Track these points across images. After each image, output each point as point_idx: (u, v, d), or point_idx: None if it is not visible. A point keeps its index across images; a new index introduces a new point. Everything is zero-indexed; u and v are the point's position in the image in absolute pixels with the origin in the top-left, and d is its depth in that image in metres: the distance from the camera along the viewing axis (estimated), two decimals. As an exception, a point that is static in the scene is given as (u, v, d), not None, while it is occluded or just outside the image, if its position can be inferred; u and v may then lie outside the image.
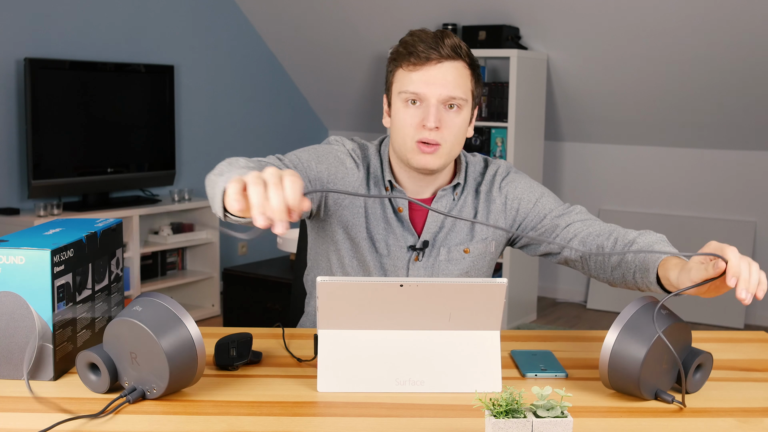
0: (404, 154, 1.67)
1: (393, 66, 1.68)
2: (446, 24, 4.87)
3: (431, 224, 1.74)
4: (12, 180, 4.31)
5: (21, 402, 1.32)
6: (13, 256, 1.36)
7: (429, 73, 1.62)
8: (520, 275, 4.92)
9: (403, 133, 1.65)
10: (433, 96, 1.62)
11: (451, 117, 1.64)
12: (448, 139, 1.64)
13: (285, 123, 5.87)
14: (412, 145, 1.64)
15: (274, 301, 4.04)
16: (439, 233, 1.74)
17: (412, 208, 1.74)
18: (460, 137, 1.67)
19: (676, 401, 1.34)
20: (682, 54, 4.49)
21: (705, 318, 4.98)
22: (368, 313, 1.37)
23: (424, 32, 1.66)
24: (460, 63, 1.65)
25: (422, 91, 1.62)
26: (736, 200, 4.99)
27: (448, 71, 1.63)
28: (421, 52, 1.62)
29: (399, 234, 1.73)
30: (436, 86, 1.62)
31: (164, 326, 1.29)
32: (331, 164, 1.71)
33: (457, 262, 1.74)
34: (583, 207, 1.76)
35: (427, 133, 1.62)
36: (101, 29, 4.64)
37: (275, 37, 5.59)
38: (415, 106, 1.64)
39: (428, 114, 1.62)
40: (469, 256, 1.75)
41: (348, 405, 1.33)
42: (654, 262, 1.51)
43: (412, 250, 1.73)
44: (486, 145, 4.86)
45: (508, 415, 1.14)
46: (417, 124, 1.63)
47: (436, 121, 1.61)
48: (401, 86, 1.65)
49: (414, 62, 1.63)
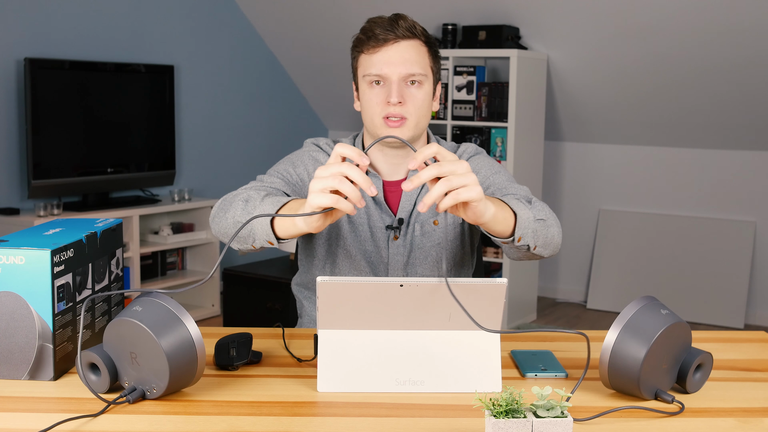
0: (374, 131, 1.76)
1: (356, 53, 1.79)
2: (446, 24, 4.87)
3: (405, 203, 1.81)
4: (12, 180, 4.31)
5: (21, 402, 1.32)
6: (13, 256, 1.36)
7: (388, 53, 1.72)
8: (520, 275, 4.92)
9: (371, 112, 1.74)
10: (394, 74, 1.71)
11: (412, 92, 1.73)
12: (412, 112, 1.73)
13: (285, 123, 5.87)
14: (380, 121, 1.73)
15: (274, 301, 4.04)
16: (413, 210, 1.81)
17: (386, 190, 1.81)
18: (425, 110, 1.75)
19: (676, 401, 1.34)
20: (682, 54, 4.49)
21: (705, 318, 4.98)
22: (368, 313, 1.37)
23: (380, 18, 1.77)
24: (416, 41, 1.75)
25: (384, 71, 1.72)
26: (736, 200, 4.99)
27: (406, 50, 1.73)
28: (379, 35, 1.73)
29: (377, 216, 1.80)
30: (396, 65, 1.72)
31: (164, 326, 1.29)
32: (308, 164, 1.83)
33: (430, 235, 1.80)
34: (527, 188, 1.78)
35: (392, 108, 1.71)
36: (101, 29, 4.64)
37: (275, 37, 5.59)
38: (379, 86, 1.73)
39: (391, 91, 1.71)
40: (439, 227, 1.81)
41: (348, 405, 1.33)
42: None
43: (390, 229, 1.79)
44: (486, 145, 4.86)
45: (508, 415, 1.14)
46: (382, 101, 1.73)
47: (398, 97, 1.70)
48: (364, 69, 1.75)
49: (374, 45, 1.73)
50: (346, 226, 1.80)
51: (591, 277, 5.35)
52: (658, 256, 5.13)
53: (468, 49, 4.77)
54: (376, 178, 1.80)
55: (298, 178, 1.80)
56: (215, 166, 5.41)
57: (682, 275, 5.06)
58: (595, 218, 5.40)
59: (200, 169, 5.30)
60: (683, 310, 4.98)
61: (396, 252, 1.79)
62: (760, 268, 4.97)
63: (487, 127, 4.85)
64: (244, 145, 5.59)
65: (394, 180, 1.82)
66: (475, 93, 4.84)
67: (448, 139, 4.93)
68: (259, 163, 5.63)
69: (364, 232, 1.79)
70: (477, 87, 4.83)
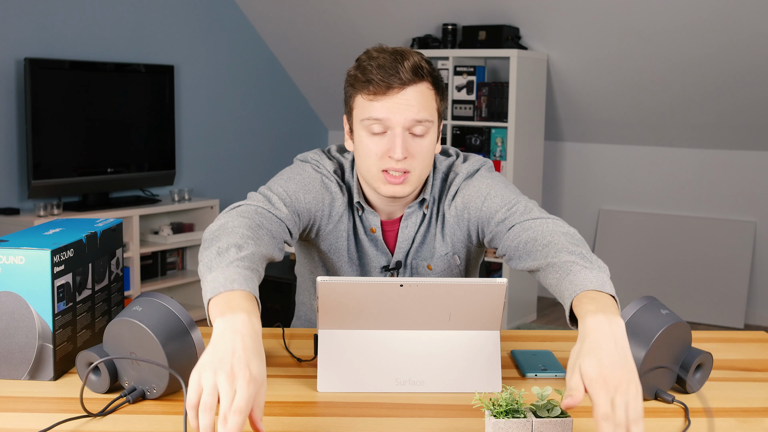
0: (371, 182, 1.60)
1: (351, 92, 1.58)
2: (446, 24, 4.87)
3: (402, 243, 1.69)
4: (12, 180, 4.31)
5: (21, 402, 1.32)
6: (13, 256, 1.36)
7: (391, 101, 1.52)
8: (520, 275, 4.92)
9: (369, 163, 1.57)
10: (398, 124, 1.53)
11: (417, 143, 1.55)
12: (416, 166, 1.57)
13: (285, 123, 5.87)
14: (378, 175, 1.57)
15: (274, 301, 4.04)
16: (410, 250, 1.71)
17: (384, 228, 1.70)
18: (429, 160, 1.59)
19: (677, 401, 1.34)
20: (682, 54, 4.49)
21: (705, 318, 4.98)
22: (368, 313, 1.37)
23: (381, 53, 1.55)
24: (422, 85, 1.55)
25: (386, 120, 1.53)
26: (736, 200, 4.99)
27: (411, 96, 1.53)
28: (380, 80, 1.52)
29: (372, 255, 1.70)
30: (400, 114, 1.52)
31: (164, 326, 1.29)
32: (318, 192, 1.64)
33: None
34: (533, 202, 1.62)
35: (394, 163, 1.54)
36: (101, 29, 4.64)
37: (275, 37, 5.59)
38: (379, 136, 1.55)
39: (394, 145, 1.53)
40: (433, 272, 1.72)
41: (348, 405, 1.33)
42: (567, 298, 1.33)
43: (385, 270, 1.71)
44: (486, 145, 4.86)
45: (508, 415, 1.14)
46: (382, 153, 1.55)
47: (403, 152, 1.53)
48: (362, 114, 1.56)
49: (374, 91, 1.53)
50: (345, 258, 1.71)
51: (591, 277, 5.35)
52: (658, 256, 5.13)
53: (468, 49, 4.77)
54: (375, 216, 1.68)
55: (305, 206, 1.62)
56: (215, 166, 5.41)
57: (682, 275, 5.06)
58: (595, 218, 5.40)
59: (200, 169, 5.30)
60: (683, 310, 4.98)
61: None
62: (760, 268, 4.97)
63: (487, 127, 4.86)
64: (244, 145, 5.59)
65: (394, 217, 1.70)
66: (475, 93, 4.84)
67: (448, 139, 4.93)
68: (258, 163, 5.64)
69: (359, 268, 1.72)
70: (477, 87, 4.83)
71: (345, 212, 1.69)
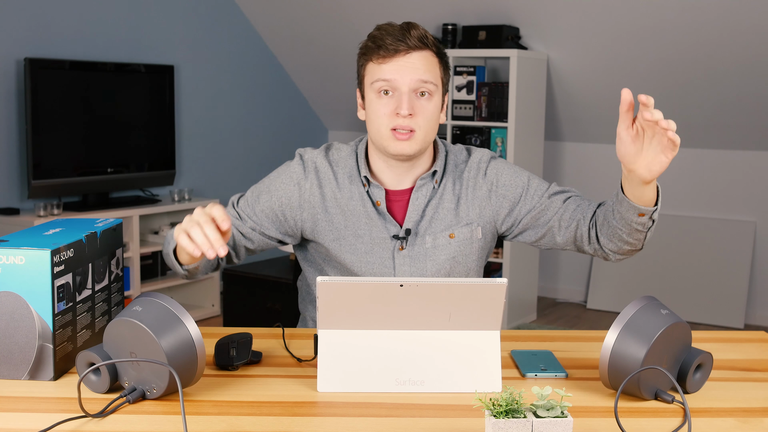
0: (380, 142, 1.71)
1: (363, 60, 1.74)
2: (446, 24, 4.87)
3: (412, 213, 1.75)
4: (12, 180, 4.31)
5: (21, 402, 1.32)
6: (13, 256, 1.36)
7: (399, 63, 1.68)
8: (520, 275, 4.92)
9: (378, 123, 1.70)
10: (405, 84, 1.67)
11: (423, 104, 1.69)
12: (421, 125, 1.69)
13: (285, 123, 5.87)
14: (387, 133, 1.69)
15: (274, 301, 4.04)
16: (422, 221, 1.76)
17: (390, 200, 1.77)
18: (434, 123, 1.72)
19: (676, 401, 1.34)
20: (681, 54, 4.49)
21: (705, 318, 4.98)
22: (368, 313, 1.37)
23: (391, 26, 1.72)
24: (427, 52, 1.70)
25: (394, 80, 1.67)
26: (736, 200, 4.99)
27: (417, 60, 1.68)
28: (389, 44, 1.68)
29: (381, 226, 1.75)
30: (407, 75, 1.67)
31: (164, 326, 1.29)
32: (285, 188, 1.77)
33: (444, 248, 1.76)
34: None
35: (401, 120, 1.67)
36: (101, 29, 4.64)
37: (275, 37, 5.59)
38: (388, 96, 1.69)
39: (401, 102, 1.67)
40: (455, 241, 1.76)
41: (348, 405, 1.33)
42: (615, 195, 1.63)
43: (395, 239, 1.74)
44: (486, 145, 4.86)
45: (508, 415, 1.14)
46: (390, 112, 1.68)
47: (409, 108, 1.66)
48: (373, 78, 1.70)
49: (383, 55, 1.68)
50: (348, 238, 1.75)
51: (591, 277, 5.35)
52: (658, 256, 5.13)
53: (468, 49, 4.77)
54: (379, 189, 1.75)
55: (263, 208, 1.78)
56: (215, 166, 5.41)
57: (682, 275, 5.06)
58: (595, 218, 5.40)
59: (200, 169, 5.30)
60: (683, 310, 4.98)
61: (402, 263, 1.74)
62: (760, 268, 4.97)
63: (487, 127, 4.85)
64: (244, 145, 5.59)
65: (399, 189, 1.77)
66: (475, 93, 4.84)
67: (448, 139, 4.93)
68: (258, 163, 5.63)
69: (364, 245, 1.74)
70: (477, 87, 4.83)
71: (316, 194, 1.77)
